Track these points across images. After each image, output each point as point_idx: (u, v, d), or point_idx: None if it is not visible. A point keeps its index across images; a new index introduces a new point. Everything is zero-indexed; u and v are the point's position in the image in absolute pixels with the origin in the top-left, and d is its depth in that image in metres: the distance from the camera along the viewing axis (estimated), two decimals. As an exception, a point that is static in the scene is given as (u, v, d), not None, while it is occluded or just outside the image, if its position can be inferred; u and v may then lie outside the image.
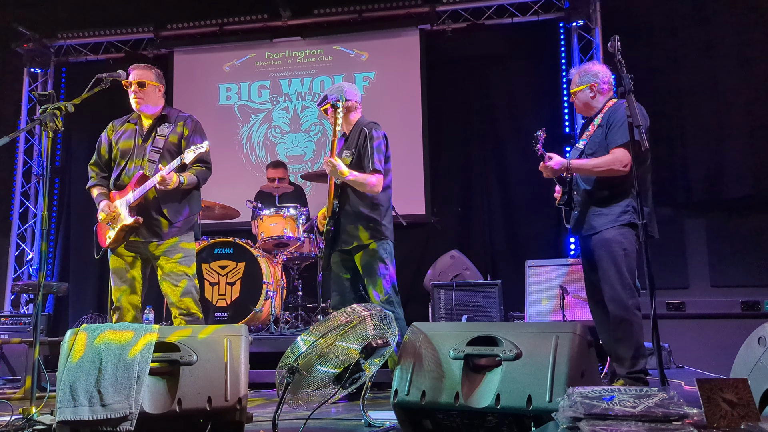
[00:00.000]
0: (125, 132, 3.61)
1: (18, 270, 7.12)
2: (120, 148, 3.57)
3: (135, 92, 3.52)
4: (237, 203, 5.54)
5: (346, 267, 3.62)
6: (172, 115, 3.64)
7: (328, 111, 3.63)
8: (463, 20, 6.64)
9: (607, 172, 3.22)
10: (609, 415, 1.65)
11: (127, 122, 3.65)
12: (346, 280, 3.63)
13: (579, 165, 3.33)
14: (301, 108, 6.89)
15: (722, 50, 5.90)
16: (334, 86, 3.74)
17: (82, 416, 2.18)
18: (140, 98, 3.53)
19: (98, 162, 3.66)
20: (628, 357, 3.10)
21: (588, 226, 3.32)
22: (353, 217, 3.53)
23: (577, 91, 3.51)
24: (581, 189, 3.41)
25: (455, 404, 2.18)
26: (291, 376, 2.30)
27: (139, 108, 3.56)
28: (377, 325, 2.38)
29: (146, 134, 3.57)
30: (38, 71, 7.34)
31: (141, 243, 3.47)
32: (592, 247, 3.30)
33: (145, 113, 3.58)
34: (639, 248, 3.13)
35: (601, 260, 3.23)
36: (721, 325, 5.31)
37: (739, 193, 5.71)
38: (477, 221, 6.45)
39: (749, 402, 1.73)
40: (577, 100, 3.53)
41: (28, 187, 7.31)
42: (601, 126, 3.37)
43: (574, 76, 3.57)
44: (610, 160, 3.21)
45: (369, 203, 3.54)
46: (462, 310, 4.96)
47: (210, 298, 4.91)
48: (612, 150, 3.23)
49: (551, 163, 3.35)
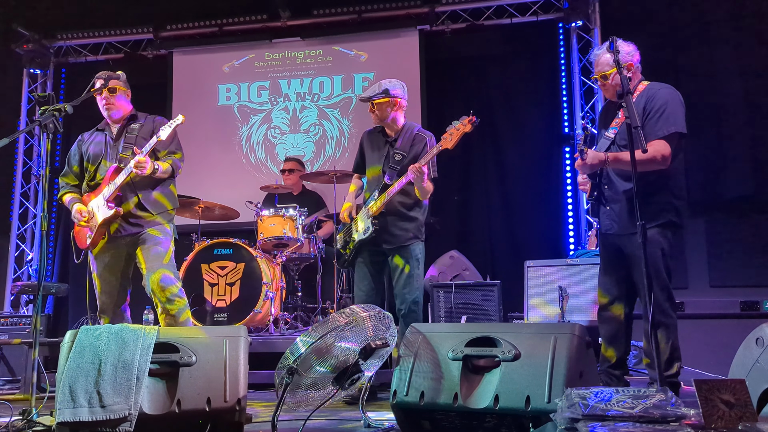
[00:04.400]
0: (94, 140, 3.66)
1: (18, 271, 7.13)
2: (91, 155, 3.61)
3: (106, 98, 3.57)
4: (236, 204, 5.54)
5: (375, 265, 3.67)
6: (140, 116, 3.70)
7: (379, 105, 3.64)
8: (463, 21, 6.64)
9: (647, 166, 2.95)
10: (607, 416, 1.66)
11: (96, 131, 3.71)
12: (374, 277, 3.67)
13: (617, 159, 3.03)
14: (301, 108, 6.89)
15: (721, 50, 5.90)
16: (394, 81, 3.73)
17: (81, 417, 2.19)
18: (111, 104, 3.57)
19: (68, 172, 3.70)
20: (664, 360, 3.00)
21: (624, 224, 3.11)
22: (399, 218, 3.59)
23: (612, 72, 3.09)
24: (614, 184, 3.15)
25: (454, 405, 2.19)
26: (290, 377, 2.31)
27: (110, 114, 3.60)
28: (376, 326, 2.39)
29: (116, 135, 3.62)
30: (38, 72, 7.34)
31: (120, 238, 3.47)
32: (627, 245, 3.09)
33: (115, 119, 3.63)
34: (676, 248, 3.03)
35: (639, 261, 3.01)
36: (720, 326, 5.31)
37: (739, 193, 5.71)
38: (476, 221, 6.45)
39: (747, 402, 1.74)
40: (612, 83, 3.12)
41: (28, 188, 7.31)
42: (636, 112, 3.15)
43: (604, 56, 3.13)
44: (651, 153, 2.91)
45: (415, 205, 3.63)
46: (461, 311, 4.96)
47: (209, 299, 4.91)
48: (651, 142, 2.95)
49: (588, 160, 3.06)
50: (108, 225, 3.42)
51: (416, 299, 3.57)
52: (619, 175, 3.15)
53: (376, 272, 3.69)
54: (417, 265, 3.60)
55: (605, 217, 3.23)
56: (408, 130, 3.71)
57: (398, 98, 3.67)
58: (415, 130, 3.72)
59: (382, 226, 3.56)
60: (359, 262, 3.70)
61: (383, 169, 3.65)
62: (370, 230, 3.56)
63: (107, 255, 3.50)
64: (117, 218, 3.41)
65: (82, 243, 3.52)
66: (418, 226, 3.64)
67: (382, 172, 3.65)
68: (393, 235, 3.58)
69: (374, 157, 3.74)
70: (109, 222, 3.41)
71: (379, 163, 3.69)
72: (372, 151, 3.77)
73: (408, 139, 3.67)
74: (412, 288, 3.56)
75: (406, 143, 3.66)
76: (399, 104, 3.68)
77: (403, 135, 3.69)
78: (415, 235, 3.61)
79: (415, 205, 3.64)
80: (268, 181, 6.34)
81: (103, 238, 3.45)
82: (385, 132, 3.75)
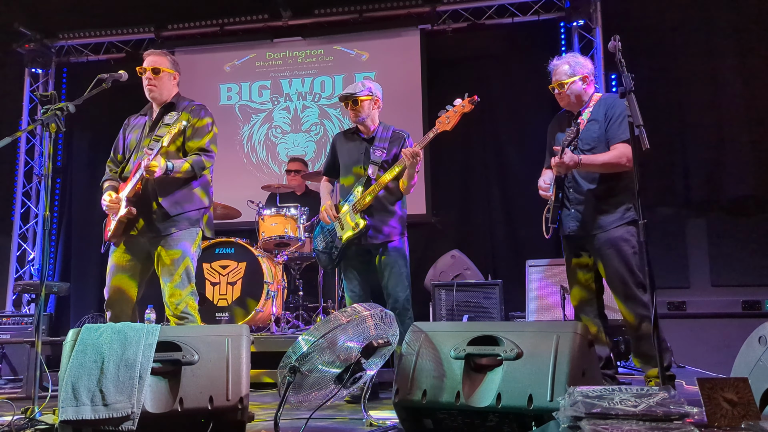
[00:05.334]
0: (136, 125, 3.50)
1: (20, 270, 7.14)
2: (128, 142, 3.45)
3: (149, 79, 3.40)
4: (238, 203, 5.55)
5: (362, 264, 3.64)
6: (180, 104, 3.48)
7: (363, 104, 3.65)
8: (464, 20, 6.64)
9: (614, 167, 3.15)
10: (610, 415, 1.66)
11: (140, 115, 3.55)
12: (363, 277, 3.65)
13: (589, 161, 3.19)
14: (302, 108, 6.89)
15: (723, 49, 5.90)
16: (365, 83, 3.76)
17: (84, 416, 2.19)
18: (153, 86, 3.41)
19: (112, 158, 3.53)
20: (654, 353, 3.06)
21: (592, 224, 3.23)
22: (385, 214, 3.56)
23: (569, 82, 3.35)
24: (581, 186, 3.29)
25: (456, 403, 2.19)
26: (292, 376, 2.31)
27: (151, 95, 3.44)
28: (378, 325, 2.39)
29: (153, 124, 3.42)
30: (39, 71, 7.36)
31: (140, 238, 3.30)
32: (596, 245, 3.22)
33: (157, 102, 3.46)
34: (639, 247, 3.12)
35: (610, 259, 3.17)
36: (722, 325, 5.31)
37: (740, 192, 5.70)
38: (478, 221, 6.45)
39: (750, 401, 1.74)
40: (569, 92, 3.35)
41: (30, 188, 7.32)
42: (595, 120, 3.28)
43: (562, 66, 3.39)
44: (617, 155, 3.13)
45: (399, 200, 3.62)
46: (463, 310, 4.96)
47: (211, 298, 4.92)
48: (615, 145, 3.17)
49: (567, 159, 3.15)
50: (125, 223, 3.27)
51: (408, 296, 3.54)
52: (583, 177, 3.29)
53: (364, 271, 3.65)
54: (405, 262, 3.57)
55: (569, 220, 3.33)
56: (384, 129, 3.70)
57: (379, 98, 3.72)
58: (391, 129, 3.71)
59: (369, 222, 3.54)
60: (346, 262, 3.66)
61: (364, 166, 3.62)
62: (361, 224, 3.49)
63: (125, 253, 3.33)
64: (132, 216, 3.24)
65: (106, 235, 3.37)
66: (402, 221, 3.63)
67: (363, 169, 3.61)
68: (380, 231, 3.54)
69: (352, 156, 3.69)
70: (127, 221, 3.27)
71: (359, 160, 3.65)
72: (348, 151, 3.72)
73: (385, 137, 3.66)
74: (405, 285, 3.53)
75: (384, 140, 3.65)
76: (378, 104, 3.73)
77: (381, 133, 3.68)
78: (401, 231, 3.60)
79: (398, 200, 3.63)
80: (269, 180, 6.35)
81: (122, 234, 3.30)
82: (359, 131, 3.73)
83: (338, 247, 3.62)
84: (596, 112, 3.30)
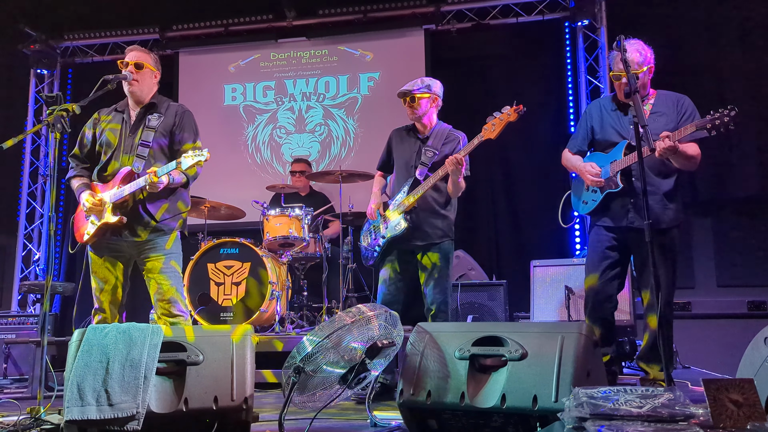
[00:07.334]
0: (111, 121, 3.40)
1: (25, 270, 7.16)
2: (104, 141, 3.35)
3: (131, 73, 3.34)
4: (242, 203, 5.55)
5: (402, 264, 3.61)
6: (161, 105, 3.43)
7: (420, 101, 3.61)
8: (468, 20, 6.64)
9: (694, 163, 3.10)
10: (615, 416, 1.65)
11: (114, 111, 3.46)
12: (400, 277, 3.61)
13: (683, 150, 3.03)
14: (306, 108, 6.89)
15: (728, 49, 5.88)
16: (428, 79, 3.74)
17: (89, 416, 2.19)
18: (135, 80, 3.35)
19: (80, 153, 3.45)
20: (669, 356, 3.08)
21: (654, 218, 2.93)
22: (431, 215, 3.55)
23: (640, 72, 3.13)
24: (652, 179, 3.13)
25: (461, 404, 2.18)
26: (297, 376, 2.31)
27: (131, 89, 3.37)
28: (382, 325, 2.39)
29: (134, 125, 3.36)
30: (45, 72, 7.38)
31: (123, 242, 3.27)
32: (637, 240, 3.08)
33: (136, 98, 3.40)
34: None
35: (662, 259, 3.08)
36: (728, 325, 5.30)
37: (746, 193, 5.68)
38: (482, 221, 6.44)
39: (755, 402, 1.73)
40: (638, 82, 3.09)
41: (35, 188, 7.35)
42: (660, 114, 3.19)
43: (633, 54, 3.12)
44: (699, 152, 3.07)
45: (447, 203, 3.60)
46: (467, 311, 4.96)
47: (215, 298, 4.92)
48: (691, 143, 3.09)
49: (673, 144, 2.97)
50: (109, 230, 3.25)
51: (446, 299, 3.50)
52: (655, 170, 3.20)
53: (402, 271, 3.62)
54: (447, 265, 3.54)
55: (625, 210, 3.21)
56: (440, 129, 3.68)
57: (438, 96, 3.68)
58: (447, 129, 3.69)
59: (414, 223, 3.51)
60: (387, 260, 3.63)
61: (414, 165, 3.60)
62: (402, 225, 3.48)
63: (105, 251, 3.31)
64: (120, 226, 3.23)
65: (80, 236, 3.33)
66: (449, 225, 3.60)
67: (413, 168, 3.60)
68: (425, 232, 3.52)
69: (405, 154, 3.68)
70: (112, 227, 3.24)
71: (410, 159, 3.64)
72: (402, 148, 3.71)
73: (440, 137, 3.64)
74: (443, 288, 3.50)
75: (438, 141, 3.62)
76: (437, 102, 3.69)
77: (436, 133, 3.65)
78: (446, 234, 3.57)
79: (447, 203, 3.61)
80: (273, 180, 6.35)
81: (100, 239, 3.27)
82: (416, 129, 3.72)
83: (381, 245, 3.62)
84: (659, 105, 3.21)
